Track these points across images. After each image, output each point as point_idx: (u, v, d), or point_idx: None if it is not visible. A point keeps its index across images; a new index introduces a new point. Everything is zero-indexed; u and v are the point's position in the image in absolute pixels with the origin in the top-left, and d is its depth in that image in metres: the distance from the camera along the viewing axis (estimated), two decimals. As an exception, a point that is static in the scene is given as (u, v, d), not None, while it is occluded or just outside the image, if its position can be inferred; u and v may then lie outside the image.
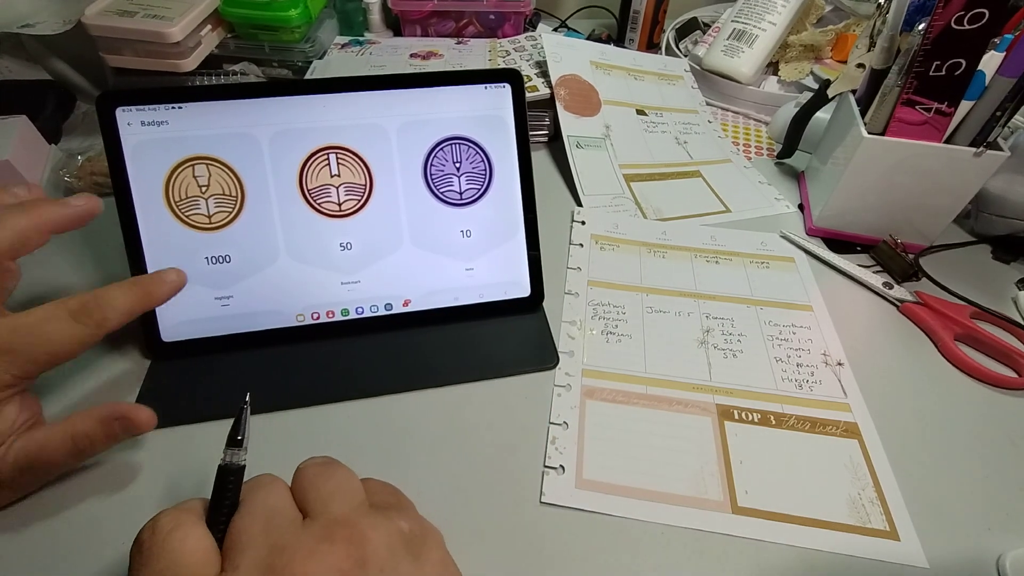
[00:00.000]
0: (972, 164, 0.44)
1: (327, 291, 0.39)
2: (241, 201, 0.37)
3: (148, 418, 0.29)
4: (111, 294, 0.30)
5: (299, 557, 0.20)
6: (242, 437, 0.24)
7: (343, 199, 0.39)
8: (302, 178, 0.38)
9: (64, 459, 0.29)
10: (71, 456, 0.29)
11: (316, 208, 0.39)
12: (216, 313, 0.38)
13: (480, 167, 0.41)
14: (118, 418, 0.29)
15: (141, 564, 0.20)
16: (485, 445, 0.35)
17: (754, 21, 0.68)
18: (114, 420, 0.29)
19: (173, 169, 0.36)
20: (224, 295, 0.38)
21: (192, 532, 0.21)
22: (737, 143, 0.64)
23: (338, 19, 0.70)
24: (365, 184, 0.39)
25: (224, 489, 0.23)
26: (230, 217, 0.37)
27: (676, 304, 0.44)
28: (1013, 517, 0.33)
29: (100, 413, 0.29)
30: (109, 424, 0.29)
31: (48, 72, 0.57)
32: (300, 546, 0.21)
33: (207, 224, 0.37)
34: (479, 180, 0.41)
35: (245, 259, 0.38)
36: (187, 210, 0.37)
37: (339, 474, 0.24)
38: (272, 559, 0.20)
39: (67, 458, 0.29)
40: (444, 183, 0.41)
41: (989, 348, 0.43)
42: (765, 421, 0.37)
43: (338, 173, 0.39)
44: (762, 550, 0.31)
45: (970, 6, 0.38)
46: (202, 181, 0.37)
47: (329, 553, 0.20)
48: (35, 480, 0.30)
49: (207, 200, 0.37)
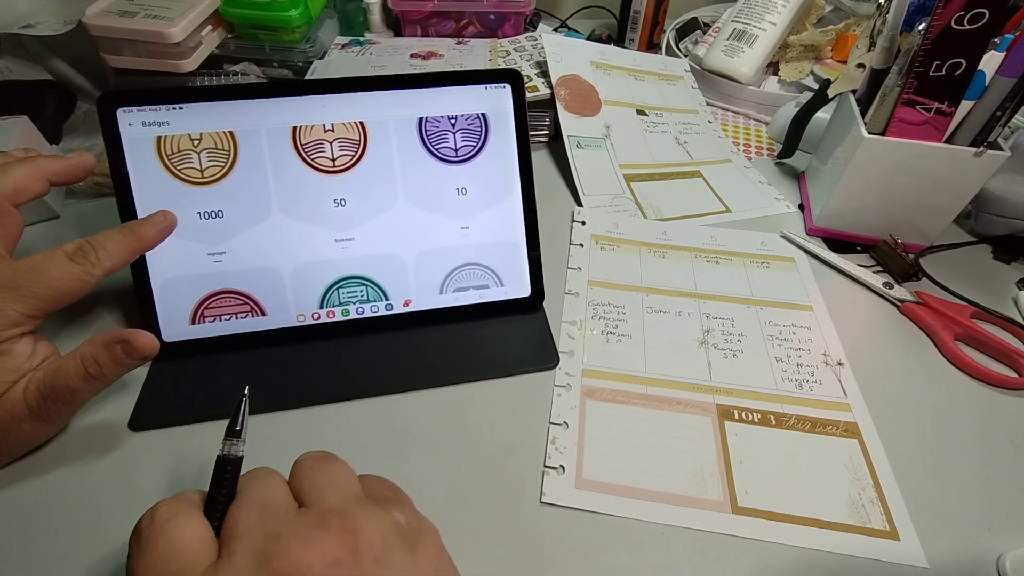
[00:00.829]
0: (972, 164, 0.44)
1: (320, 249, 0.39)
2: (234, 156, 0.37)
3: (148, 341, 0.30)
4: (104, 236, 0.33)
5: (294, 544, 0.20)
6: (240, 428, 0.24)
7: (337, 154, 0.39)
8: (296, 132, 0.38)
9: (78, 383, 0.29)
10: (84, 380, 0.30)
11: (310, 163, 0.39)
12: (209, 269, 0.38)
13: (476, 124, 0.41)
14: (119, 341, 0.29)
15: (140, 552, 0.21)
16: (485, 445, 0.35)
17: (754, 21, 0.68)
18: (115, 343, 0.29)
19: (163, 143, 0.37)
20: (217, 252, 0.38)
21: (190, 520, 0.21)
22: (737, 143, 0.64)
23: (338, 19, 0.70)
24: (359, 139, 0.39)
25: (222, 479, 0.23)
26: (222, 172, 0.37)
27: (676, 304, 0.44)
28: (1013, 517, 0.33)
29: (104, 337, 0.30)
30: (111, 347, 0.29)
31: (49, 72, 0.57)
32: (294, 533, 0.21)
33: (200, 179, 0.37)
34: (475, 137, 0.41)
35: (237, 215, 0.38)
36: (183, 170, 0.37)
37: (335, 466, 0.24)
38: (267, 546, 0.20)
39: (81, 382, 0.30)
40: (439, 139, 0.40)
41: (989, 348, 0.43)
42: (765, 421, 0.37)
43: (332, 128, 0.39)
44: (762, 550, 0.31)
45: (970, 6, 0.38)
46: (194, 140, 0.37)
47: (323, 540, 0.21)
48: (61, 408, 0.31)
49: (199, 156, 0.37)
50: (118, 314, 0.40)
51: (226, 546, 0.21)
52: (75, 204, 0.49)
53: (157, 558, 0.20)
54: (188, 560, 0.20)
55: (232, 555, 0.20)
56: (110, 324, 0.40)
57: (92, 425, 0.34)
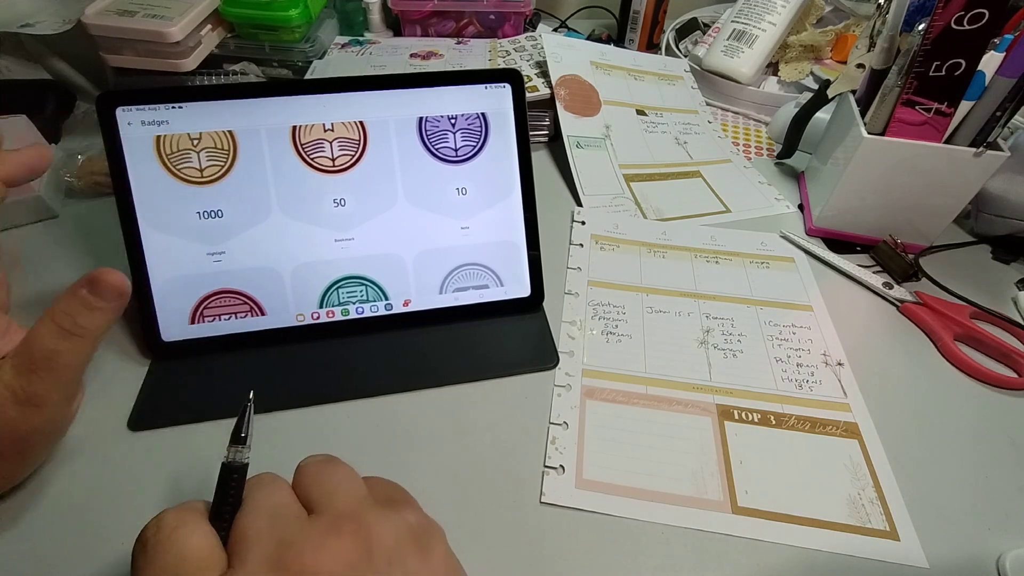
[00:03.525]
0: (972, 164, 0.44)
1: (320, 249, 0.39)
2: (233, 156, 0.37)
3: (114, 277, 0.27)
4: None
5: (308, 550, 0.20)
6: (245, 435, 0.24)
7: (337, 154, 0.39)
8: (295, 132, 0.38)
9: (54, 342, 0.27)
10: (59, 336, 0.27)
11: (309, 163, 0.38)
12: (208, 269, 0.38)
13: (476, 124, 0.41)
14: (84, 285, 0.27)
15: (145, 562, 0.20)
16: (485, 445, 0.35)
17: (754, 21, 0.68)
18: (80, 288, 0.27)
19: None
20: (217, 251, 0.38)
21: (196, 529, 0.21)
22: (737, 143, 0.64)
23: (338, 19, 0.70)
24: (359, 139, 0.39)
25: (227, 487, 0.23)
26: (222, 172, 0.37)
27: (676, 304, 0.44)
28: (1013, 517, 0.33)
29: (72, 287, 0.27)
30: (77, 293, 0.27)
31: (48, 72, 0.57)
32: (308, 540, 0.21)
33: (199, 179, 0.37)
34: (475, 137, 0.41)
35: (237, 214, 0.38)
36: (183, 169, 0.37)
37: (341, 470, 0.24)
38: (280, 554, 0.20)
39: (56, 339, 0.27)
40: (439, 138, 0.40)
41: (989, 348, 0.43)
42: (765, 421, 0.37)
43: (332, 128, 0.39)
44: (762, 550, 0.31)
45: (970, 6, 0.38)
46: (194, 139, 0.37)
47: (337, 546, 0.21)
48: (46, 382, 0.27)
49: (199, 155, 0.37)
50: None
51: (237, 555, 0.20)
52: (74, 203, 0.49)
53: (165, 568, 0.20)
54: (196, 569, 0.20)
55: (244, 564, 0.20)
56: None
57: (92, 425, 0.34)
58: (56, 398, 0.28)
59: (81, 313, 0.27)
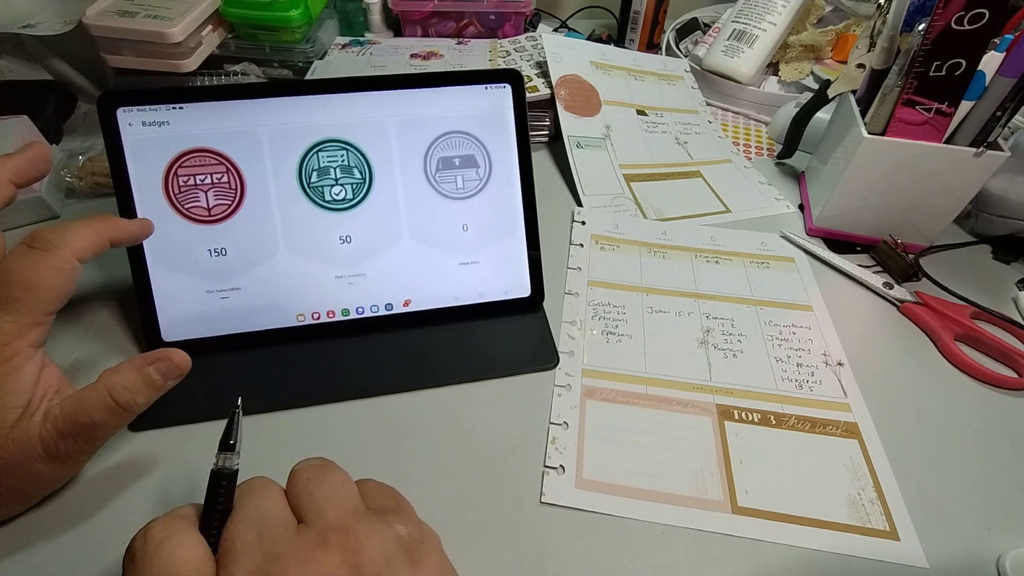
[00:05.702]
0: (972, 164, 0.44)
1: (326, 287, 0.39)
2: (240, 194, 0.37)
3: (183, 359, 0.28)
4: (70, 223, 0.29)
5: (294, 565, 0.20)
6: (234, 441, 0.23)
7: None
8: (301, 169, 0.38)
9: (104, 416, 0.27)
10: (110, 412, 0.27)
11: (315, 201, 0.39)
12: (215, 309, 0.38)
13: (479, 161, 0.41)
14: (152, 362, 0.28)
15: (134, 575, 0.20)
16: (485, 445, 0.35)
17: (754, 21, 0.68)
18: (147, 365, 0.28)
19: (173, 161, 0.36)
20: (223, 289, 0.38)
21: (185, 540, 0.21)
22: (737, 143, 0.64)
23: (338, 19, 0.70)
24: (364, 177, 0.39)
25: (216, 494, 0.22)
26: (229, 210, 0.37)
27: (676, 304, 0.44)
28: (1013, 517, 0.33)
29: (133, 363, 0.28)
30: (143, 371, 0.28)
31: (49, 72, 0.57)
32: (295, 554, 0.20)
33: (206, 217, 0.37)
34: (478, 174, 0.41)
35: (243, 252, 0.38)
36: (187, 204, 0.37)
37: (334, 478, 0.23)
38: (267, 567, 0.20)
39: (106, 415, 0.27)
40: (443, 176, 0.41)
41: (989, 348, 0.43)
42: (765, 421, 0.37)
43: None
44: (762, 550, 0.31)
45: (970, 6, 0.38)
46: (201, 173, 0.37)
47: (324, 560, 0.20)
48: (81, 447, 0.28)
49: (207, 193, 0.37)
50: (118, 315, 0.40)
51: (224, 567, 0.20)
52: (75, 204, 0.49)
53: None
54: None
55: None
56: (110, 325, 0.40)
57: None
58: (86, 458, 0.30)
59: (142, 392, 0.28)
